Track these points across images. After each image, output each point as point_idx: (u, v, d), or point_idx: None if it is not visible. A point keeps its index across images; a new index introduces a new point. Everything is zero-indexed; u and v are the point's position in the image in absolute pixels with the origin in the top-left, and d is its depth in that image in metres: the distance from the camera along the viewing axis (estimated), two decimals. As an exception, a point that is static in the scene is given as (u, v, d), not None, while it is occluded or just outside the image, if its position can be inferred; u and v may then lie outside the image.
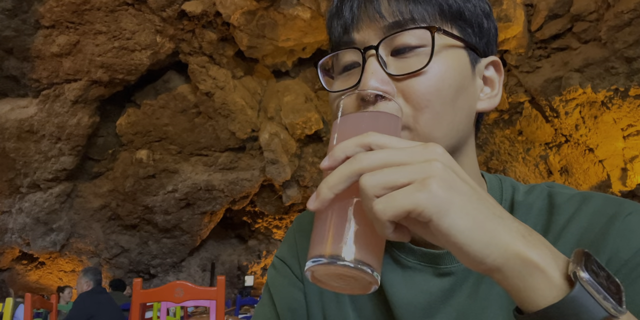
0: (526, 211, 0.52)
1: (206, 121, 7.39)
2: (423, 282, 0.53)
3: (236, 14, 6.07)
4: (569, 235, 0.48)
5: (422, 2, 0.47)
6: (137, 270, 8.58)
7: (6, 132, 7.00)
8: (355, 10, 0.49)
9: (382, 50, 0.48)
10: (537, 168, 7.12)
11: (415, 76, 0.46)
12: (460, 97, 0.48)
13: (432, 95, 0.46)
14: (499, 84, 0.53)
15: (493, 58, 0.53)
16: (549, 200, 0.52)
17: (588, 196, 0.50)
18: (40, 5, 6.09)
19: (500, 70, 0.54)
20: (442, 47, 0.47)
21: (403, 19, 0.47)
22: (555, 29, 6.13)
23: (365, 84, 0.46)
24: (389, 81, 0.46)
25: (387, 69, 0.47)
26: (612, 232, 0.45)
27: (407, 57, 0.47)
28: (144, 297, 2.24)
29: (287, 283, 0.60)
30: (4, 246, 7.98)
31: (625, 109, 6.01)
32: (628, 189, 6.11)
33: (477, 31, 0.50)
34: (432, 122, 0.46)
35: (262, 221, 9.22)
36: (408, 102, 0.46)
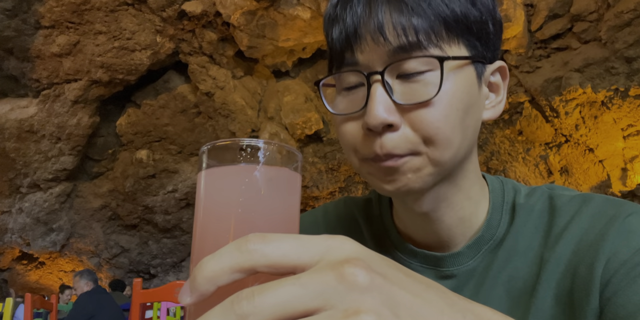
0: (527, 214, 0.52)
1: (206, 121, 7.39)
2: None
3: (236, 14, 6.07)
4: (569, 236, 0.48)
5: (426, 18, 0.44)
6: (137, 270, 8.58)
7: (6, 132, 7.00)
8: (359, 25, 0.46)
9: (388, 74, 0.46)
10: (537, 168, 7.12)
11: (423, 106, 0.44)
12: (468, 116, 0.47)
13: (441, 122, 0.45)
14: (504, 89, 0.52)
15: (500, 64, 0.52)
16: (550, 203, 0.52)
17: (588, 198, 0.50)
18: (40, 5, 6.09)
19: (505, 74, 0.53)
20: (450, 69, 0.46)
21: (408, 42, 0.44)
22: (555, 29, 6.13)
23: (372, 113, 0.44)
24: (395, 110, 0.45)
25: (393, 95, 0.45)
26: (612, 233, 0.45)
27: (413, 82, 0.45)
28: (144, 297, 2.24)
29: None
30: (4, 246, 7.98)
31: (625, 109, 6.01)
32: (628, 189, 6.11)
33: (484, 41, 0.49)
34: (442, 148, 0.45)
35: (262, 221, 9.22)
36: (416, 131, 0.45)
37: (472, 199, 0.53)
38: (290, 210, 0.31)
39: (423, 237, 0.54)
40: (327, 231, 0.61)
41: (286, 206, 0.31)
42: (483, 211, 0.54)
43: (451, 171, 0.49)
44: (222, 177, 0.31)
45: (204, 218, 0.30)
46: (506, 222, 0.53)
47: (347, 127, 0.48)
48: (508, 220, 0.53)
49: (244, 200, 0.29)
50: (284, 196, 0.31)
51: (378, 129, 0.44)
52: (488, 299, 0.50)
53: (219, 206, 0.30)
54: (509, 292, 0.50)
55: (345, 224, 0.61)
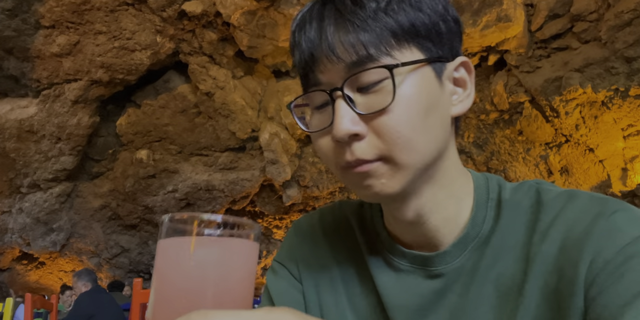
0: (514, 209, 0.53)
1: (206, 121, 7.39)
2: (415, 284, 0.54)
3: (236, 14, 6.07)
4: (555, 233, 0.48)
5: (373, 32, 0.47)
6: (137, 270, 8.58)
7: (6, 132, 7.00)
8: (313, 48, 0.49)
9: (348, 89, 0.48)
10: (537, 168, 7.12)
11: (383, 113, 0.47)
12: (431, 115, 0.49)
13: (401, 126, 0.47)
14: (470, 82, 0.54)
15: (461, 59, 0.53)
16: (537, 198, 0.52)
17: (574, 194, 0.51)
18: (41, 5, 6.09)
19: (470, 69, 0.54)
20: (405, 73, 0.47)
21: (359, 57, 0.47)
22: (556, 29, 6.13)
23: (337, 128, 0.47)
24: (358, 121, 0.47)
25: (355, 107, 0.48)
26: (596, 231, 0.45)
27: (372, 93, 0.48)
28: (145, 297, 2.24)
29: (286, 284, 0.61)
30: (4, 246, 7.98)
31: (625, 109, 6.01)
32: (628, 189, 6.11)
33: (437, 41, 0.50)
34: (407, 150, 0.47)
35: (262, 221, 9.22)
36: (380, 137, 0.47)
37: (455, 197, 0.54)
38: (243, 281, 0.32)
39: (411, 239, 0.55)
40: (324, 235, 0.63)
41: (239, 277, 0.32)
42: (467, 208, 0.54)
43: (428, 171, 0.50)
44: (178, 248, 0.32)
45: (158, 286, 0.31)
46: (491, 218, 0.53)
47: (321, 142, 0.51)
48: (493, 216, 0.53)
49: (197, 272, 0.30)
50: (238, 267, 0.32)
51: (345, 140, 0.47)
52: (477, 296, 0.51)
53: (172, 276, 0.31)
54: (497, 289, 0.50)
55: (340, 228, 0.63)
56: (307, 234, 0.64)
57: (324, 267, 0.60)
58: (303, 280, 0.61)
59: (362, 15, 0.47)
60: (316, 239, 0.63)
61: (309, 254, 0.62)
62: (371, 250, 0.58)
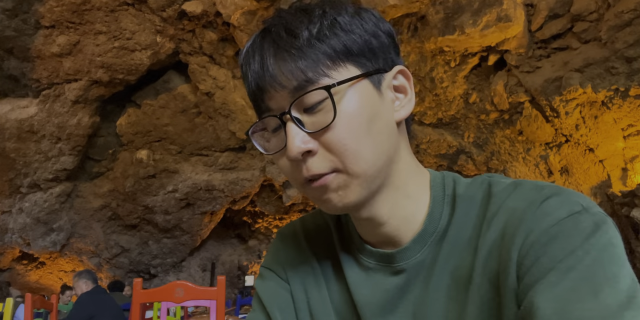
0: (469, 203, 0.55)
1: (206, 121, 7.39)
2: (381, 281, 0.57)
3: (236, 14, 6.07)
4: (496, 222, 0.51)
5: (308, 57, 0.51)
6: (137, 270, 8.58)
7: (6, 132, 7.01)
8: (259, 80, 0.53)
9: (295, 111, 0.52)
10: (537, 168, 7.13)
11: (328, 129, 0.50)
12: (374, 125, 0.52)
13: (347, 139, 0.50)
14: (410, 88, 0.57)
15: (399, 68, 0.56)
16: (488, 191, 0.55)
17: (519, 184, 0.53)
18: (41, 5, 6.09)
19: (407, 76, 0.57)
20: (344, 89, 0.51)
21: (299, 82, 0.51)
22: (556, 29, 6.13)
23: (290, 148, 0.50)
24: (309, 139, 0.51)
25: (304, 127, 0.51)
26: (528, 216, 0.48)
27: (317, 112, 0.51)
28: (144, 297, 2.24)
29: (274, 285, 0.65)
30: (4, 246, 7.98)
31: (625, 109, 6.02)
32: (628, 189, 6.11)
33: (370, 56, 0.54)
34: (355, 160, 0.51)
35: (262, 221, 9.22)
36: (330, 151, 0.51)
37: (412, 196, 0.57)
38: None
39: (375, 239, 0.59)
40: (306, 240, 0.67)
41: None
42: (425, 206, 0.57)
43: (381, 177, 0.53)
44: None
45: None
46: (447, 213, 0.56)
47: (280, 162, 0.55)
48: (449, 211, 0.56)
49: None
50: None
51: (299, 158, 0.51)
52: (436, 289, 0.54)
53: None
54: (454, 280, 0.53)
55: (321, 233, 0.67)
56: (290, 240, 0.67)
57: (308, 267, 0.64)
58: (290, 281, 0.64)
59: (297, 44, 0.51)
60: (299, 243, 0.66)
61: (294, 257, 0.66)
62: (345, 251, 0.62)
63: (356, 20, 0.54)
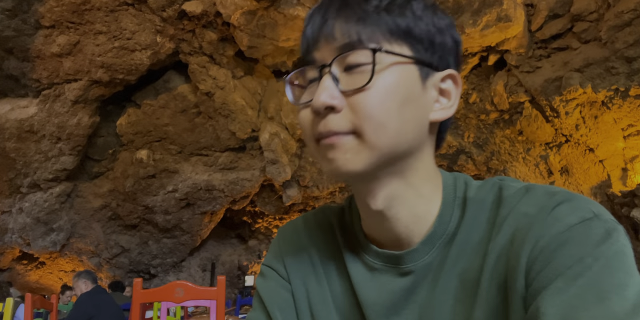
0: (479, 206, 0.55)
1: (206, 121, 7.39)
2: (388, 282, 0.57)
3: (236, 14, 6.07)
4: (506, 227, 0.51)
5: (370, 24, 0.52)
6: (137, 270, 8.58)
7: (6, 132, 7.01)
8: (315, 32, 0.55)
9: (336, 68, 0.52)
10: (537, 168, 7.12)
11: (361, 91, 0.50)
12: (407, 109, 0.52)
13: (375, 107, 0.50)
14: (455, 95, 0.57)
15: (450, 71, 0.56)
16: (498, 194, 0.55)
17: (530, 188, 0.53)
18: (41, 5, 6.09)
19: (457, 82, 0.57)
20: (389, 63, 0.52)
21: (350, 41, 0.52)
22: (556, 29, 6.13)
23: (316, 98, 0.51)
24: (338, 96, 0.51)
25: (339, 84, 0.52)
26: (538, 222, 0.48)
27: (355, 73, 0.52)
28: (144, 297, 2.24)
29: (275, 285, 0.64)
30: (4, 246, 7.98)
31: (625, 109, 6.02)
32: (628, 189, 6.11)
33: (428, 47, 0.54)
34: (377, 132, 0.50)
35: (262, 221, 9.22)
36: (354, 113, 0.50)
37: (425, 197, 0.56)
38: None
39: (383, 237, 0.58)
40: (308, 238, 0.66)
41: None
42: (436, 207, 0.57)
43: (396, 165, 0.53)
44: None
45: None
46: (457, 216, 0.56)
47: (302, 114, 0.55)
48: (459, 214, 0.56)
49: None
50: None
51: (320, 111, 0.51)
52: (443, 291, 0.53)
53: None
54: (461, 283, 0.53)
55: (324, 231, 0.66)
56: (292, 238, 0.66)
57: (310, 266, 0.64)
58: (291, 280, 0.63)
59: (365, 8, 0.52)
60: (301, 241, 0.66)
61: (295, 256, 0.65)
62: (349, 251, 0.61)
63: (429, 11, 0.55)
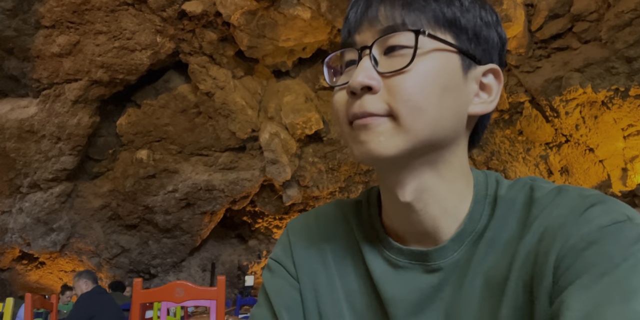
0: (509, 205, 0.54)
1: (206, 121, 7.39)
2: (413, 279, 0.55)
3: (236, 14, 6.07)
4: (537, 226, 0.50)
5: (416, 9, 0.51)
6: (137, 270, 8.58)
7: (6, 132, 7.01)
8: (358, 15, 0.54)
9: (376, 50, 0.52)
10: (537, 168, 7.12)
11: (400, 74, 0.50)
12: (447, 97, 0.51)
13: (414, 90, 0.49)
14: (496, 91, 0.56)
15: (492, 66, 0.55)
16: (530, 194, 0.54)
17: (563, 189, 0.53)
18: (41, 5, 6.09)
19: (499, 78, 0.56)
20: (431, 49, 0.51)
21: (394, 24, 0.51)
22: (556, 29, 6.13)
23: (354, 78, 0.50)
24: (376, 77, 0.50)
25: (377, 66, 0.51)
26: (570, 223, 0.48)
27: (395, 56, 0.51)
28: (144, 297, 2.24)
29: (282, 283, 0.61)
30: (4, 246, 7.98)
31: (625, 109, 6.02)
32: (628, 189, 6.11)
33: (472, 38, 0.53)
34: (414, 116, 0.49)
35: (262, 221, 9.22)
36: (391, 95, 0.49)
37: (456, 192, 0.55)
38: None
39: (408, 232, 0.56)
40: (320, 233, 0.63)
41: None
42: (467, 204, 0.56)
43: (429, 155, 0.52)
44: None
45: None
46: (487, 214, 0.55)
47: (337, 96, 0.54)
48: (489, 212, 0.55)
49: None
50: None
51: (357, 91, 0.50)
52: (470, 289, 0.53)
53: None
54: (487, 281, 0.52)
55: (338, 226, 0.63)
56: (303, 233, 0.64)
57: (321, 264, 0.61)
58: (300, 278, 0.61)
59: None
60: (312, 237, 0.63)
61: (305, 252, 0.62)
62: (369, 248, 0.59)
63: (477, 4, 0.54)
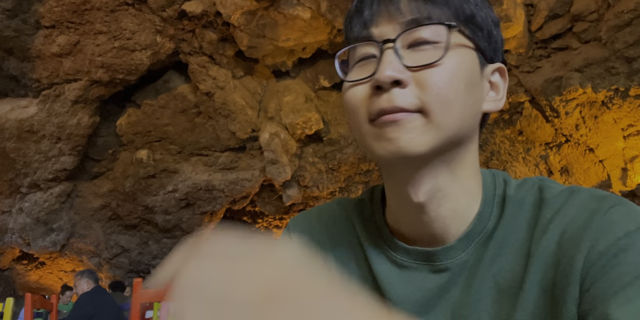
0: (517, 205, 0.54)
1: (206, 121, 7.39)
2: (420, 280, 0.54)
3: (236, 14, 6.07)
4: (553, 229, 0.49)
5: (439, 3, 0.50)
6: (137, 270, 8.58)
7: (6, 132, 7.00)
8: (375, 8, 0.51)
9: (399, 44, 0.50)
10: (537, 168, 7.12)
11: (430, 67, 0.48)
12: (470, 93, 0.50)
13: (445, 84, 0.48)
14: (503, 89, 0.56)
15: (499, 65, 0.55)
16: (539, 195, 0.53)
17: (575, 190, 0.52)
18: (41, 5, 6.09)
19: (505, 76, 0.56)
20: (456, 45, 0.50)
21: (420, 16, 0.49)
22: (556, 29, 6.13)
23: (382, 72, 0.47)
24: (404, 71, 0.48)
25: (402, 60, 0.49)
26: (593, 225, 0.47)
27: (422, 51, 0.49)
28: (144, 297, 2.24)
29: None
30: (4, 246, 7.98)
31: (625, 109, 6.02)
32: (628, 189, 6.11)
33: (486, 36, 0.53)
34: (445, 111, 0.48)
35: (262, 221, 9.22)
36: (422, 90, 0.48)
37: (467, 192, 0.54)
38: None
39: (416, 232, 0.55)
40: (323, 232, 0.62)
41: None
42: (477, 204, 0.55)
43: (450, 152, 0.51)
44: None
45: None
46: (496, 214, 0.54)
47: (355, 91, 0.51)
48: (498, 212, 0.54)
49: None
50: None
51: (386, 85, 0.47)
52: (478, 291, 0.52)
53: None
54: (497, 284, 0.51)
55: (340, 225, 0.62)
56: (304, 232, 0.63)
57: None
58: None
59: None
60: (314, 237, 0.62)
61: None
62: (372, 247, 0.58)
63: (485, 4, 0.54)
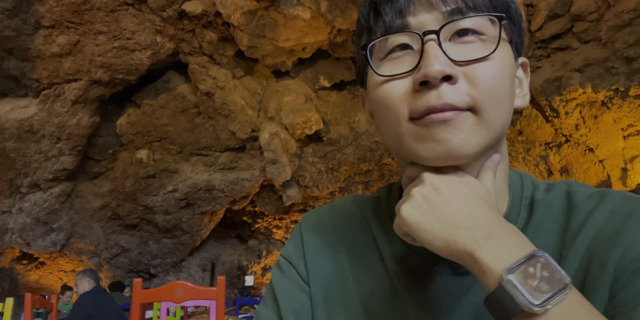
0: (546, 210, 0.52)
1: (206, 121, 7.39)
2: (440, 282, 0.52)
3: (236, 14, 6.07)
4: (586, 233, 0.48)
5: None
6: (137, 270, 8.58)
7: (6, 132, 7.00)
8: None
9: (442, 36, 0.46)
10: (537, 168, 7.12)
11: (481, 61, 0.45)
12: (513, 89, 0.48)
13: (497, 80, 0.45)
14: (526, 85, 0.54)
15: (524, 59, 0.54)
16: (568, 199, 0.52)
17: (606, 194, 0.50)
18: (41, 5, 6.09)
19: (527, 71, 0.54)
20: (502, 38, 0.47)
21: (465, 5, 0.46)
22: (556, 29, 6.13)
23: (430, 66, 0.43)
24: (452, 65, 0.44)
25: (449, 54, 0.45)
26: (627, 230, 0.46)
27: (467, 43, 0.46)
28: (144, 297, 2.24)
29: (292, 285, 0.58)
30: (4, 246, 7.98)
31: (625, 109, 6.01)
32: (628, 189, 6.10)
33: (518, 29, 0.51)
34: (496, 108, 0.45)
35: (262, 221, 9.22)
36: (474, 85, 0.44)
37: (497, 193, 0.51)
38: None
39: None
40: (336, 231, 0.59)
41: None
42: (504, 205, 0.53)
43: (489, 152, 0.49)
44: None
45: None
46: (524, 217, 0.52)
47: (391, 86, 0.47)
48: (526, 216, 0.52)
49: None
50: None
51: (436, 81, 0.44)
52: None
53: None
54: None
55: (354, 223, 0.60)
56: (316, 230, 0.60)
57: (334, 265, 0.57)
58: (311, 282, 0.57)
59: None
60: (326, 234, 0.59)
61: (319, 253, 0.58)
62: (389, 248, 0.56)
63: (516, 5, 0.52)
